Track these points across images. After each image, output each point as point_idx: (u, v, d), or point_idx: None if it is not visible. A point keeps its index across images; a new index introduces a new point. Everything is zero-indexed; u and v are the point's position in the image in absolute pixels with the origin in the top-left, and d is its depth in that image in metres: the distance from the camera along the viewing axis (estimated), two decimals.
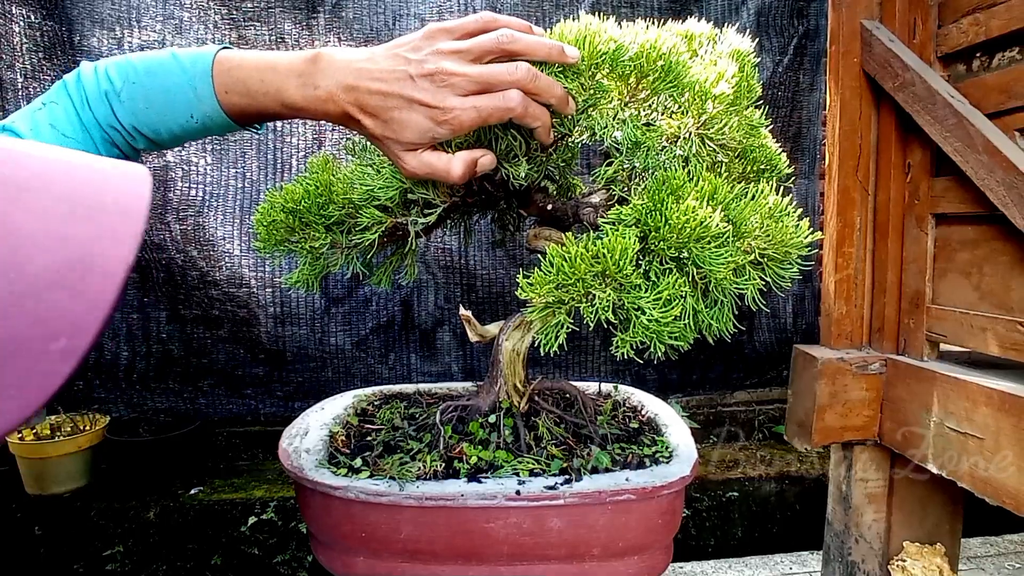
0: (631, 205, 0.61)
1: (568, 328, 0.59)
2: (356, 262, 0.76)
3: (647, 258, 0.59)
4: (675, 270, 0.58)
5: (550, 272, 0.58)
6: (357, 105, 0.57)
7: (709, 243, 0.56)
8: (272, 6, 2.00)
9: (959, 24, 1.12)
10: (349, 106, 0.57)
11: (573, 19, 0.67)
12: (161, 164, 2.01)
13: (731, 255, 0.57)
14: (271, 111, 0.60)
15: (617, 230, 0.59)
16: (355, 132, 0.61)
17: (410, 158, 0.59)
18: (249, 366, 2.16)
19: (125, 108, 0.59)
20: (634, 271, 0.56)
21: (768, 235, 0.59)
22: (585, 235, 0.63)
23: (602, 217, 0.64)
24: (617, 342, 0.58)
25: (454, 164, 0.59)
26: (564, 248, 0.59)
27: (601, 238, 0.58)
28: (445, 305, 2.18)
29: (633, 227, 0.59)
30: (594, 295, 0.57)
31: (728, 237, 0.57)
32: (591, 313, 0.57)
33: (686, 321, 0.58)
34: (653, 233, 0.58)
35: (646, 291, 0.57)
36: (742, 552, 2.31)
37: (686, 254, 0.57)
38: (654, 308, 0.55)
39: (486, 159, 0.62)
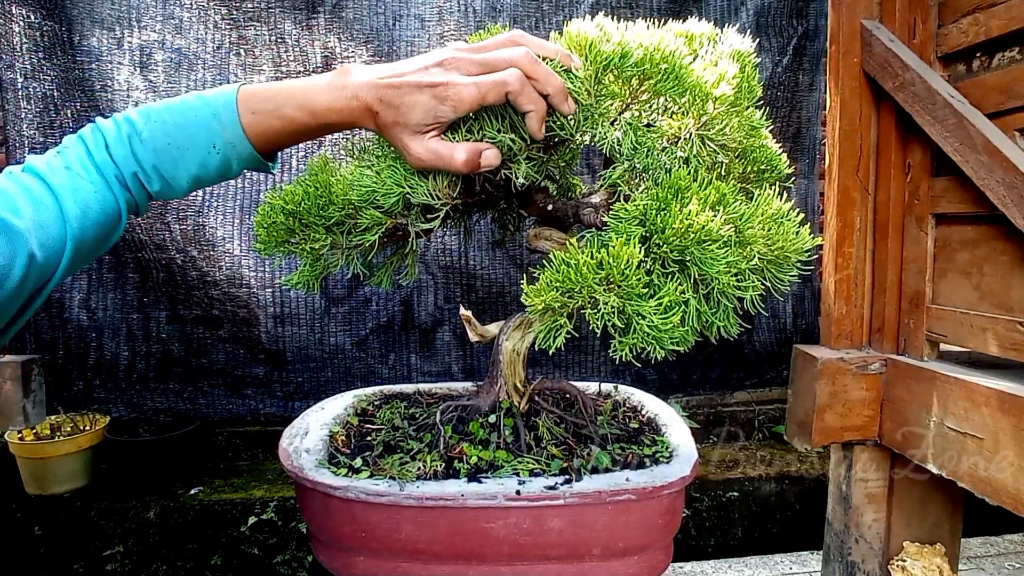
0: (634, 203, 0.61)
1: (567, 330, 0.59)
2: (356, 263, 0.76)
3: (650, 259, 0.59)
4: (678, 273, 0.58)
5: (555, 277, 0.58)
6: (377, 97, 0.61)
7: (711, 246, 0.56)
8: (272, 6, 2.00)
9: (959, 24, 1.12)
10: (370, 99, 0.61)
11: (576, 19, 0.67)
12: None
13: (734, 259, 0.57)
14: (296, 122, 0.63)
15: (621, 233, 0.59)
16: (369, 129, 0.64)
17: (417, 144, 0.62)
18: (249, 366, 2.16)
19: (146, 147, 0.61)
20: (638, 281, 0.56)
21: (770, 241, 0.59)
22: (589, 240, 0.63)
23: (605, 215, 0.64)
24: (616, 345, 0.58)
25: (458, 151, 0.62)
26: (569, 255, 0.59)
27: (606, 244, 0.58)
28: (445, 305, 2.18)
29: (637, 226, 0.59)
30: (598, 300, 0.57)
31: (731, 242, 0.57)
32: (596, 318, 0.57)
33: (689, 325, 0.58)
34: (657, 235, 0.58)
35: (648, 298, 0.57)
36: (742, 552, 2.31)
37: (689, 257, 0.57)
38: (655, 314, 0.55)
39: (491, 153, 0.63)
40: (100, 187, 0.60)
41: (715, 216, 0.57)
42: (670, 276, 0.58)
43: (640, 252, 0.57)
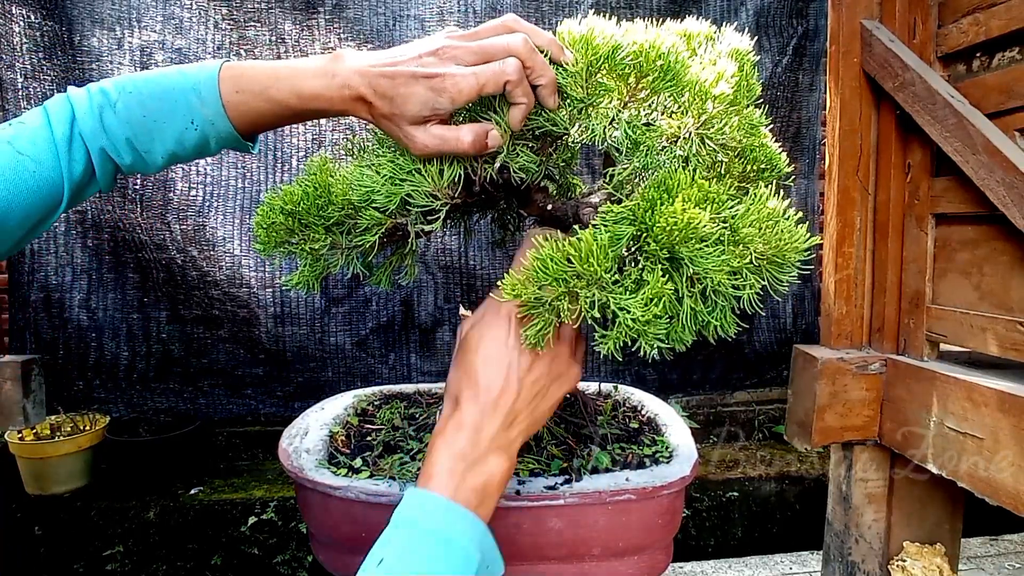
0: (623, 203, 0.61)
1: (554, 327, 0.59)
2: (356, 263, 0.76)
3: (642, 256, 0.59)
4: (669, 270, 0.58)
5: (530, 272, 0.57)
6: (370, 87, 0.59)
7: (700, 244, 0.56)
8: (272, 6, 2.00)
9: (959, 24, 1.12)
10: (363, 88, 0.59)
11: (573, 19, 0.67)
12: None
13: (727, 258, 0.57)
14: (283, 105, 0.61)
15: (609, 232, 0.59)
16: (365, 120, 0.63)
17: (419, 133, 0.60)
18: (249, 366, 2.16)
19: (120, 118, 0.59)
20: (610, 271, 0.56)
21: (766, 239, 0.59)
22: (562, 235, 0.63)
23: (597, 214, 0.64)
24: (599, 338, 0.58)
25: (464, 133, 0.60)
26: (538, 250, 0.58)
27: (577, 237, 0.57)
28: (445, 305, 2.18)
29: (628, 225, 0.59)
30: (578, 294, 0.57)
31: (723, 239, 0.57)
32: (570, 313, 0.57)
33: (685, 324, 0.58)
34: (647, 233, 0.58)
35: (626, 291, 0.56)
36: (742, 552, 2.31)
37: (679, 254, 0.57)
38: (636, 307, 0.55)
39: (495, 133, 0.62)
40: (44, 165, 0.57)
41: (701, 213, 0.56)
42: (660, 272, 0.58)
43: (610, 242, 0.56)
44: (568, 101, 0.63)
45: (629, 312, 0.55)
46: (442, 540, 0.52)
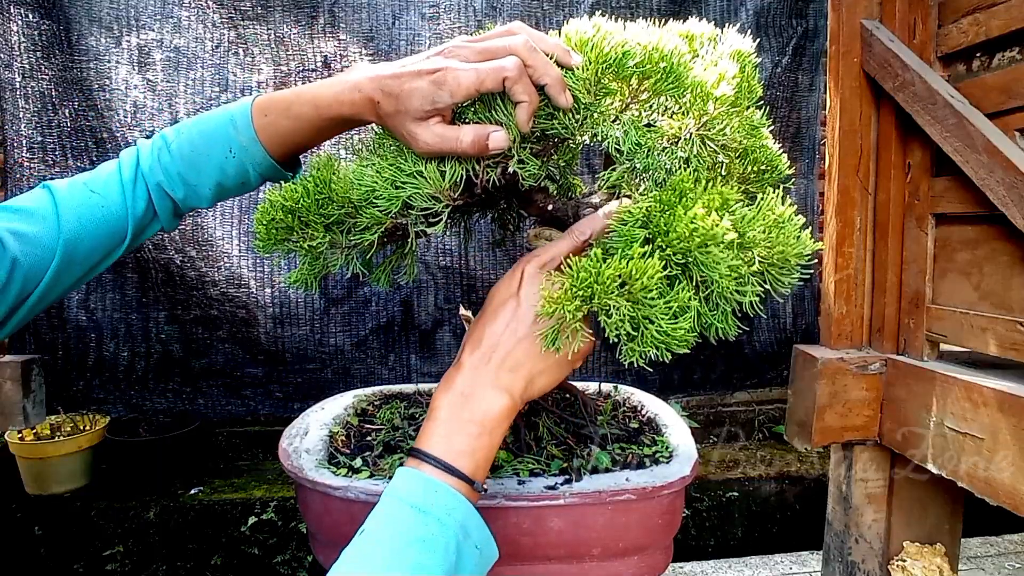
0: (638, 205, 0.61)
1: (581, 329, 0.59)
2: (356, 262, 0.76)
3: (657, 262, 0.59)
4: (681, 276, 0.58)
5: (575, 288, 0.57)
6: (379, 88, 0.62)
7: (713, 249, 0.56)
8: (271, 6, 2.00)
9: (959, 24, 1.12)
10: (372, 89, 0.62)
11: (575, 19, 0.67)
12: None
13: (736, 263, 0.57)
14: (304, 119, 0.66)
15: (625, 236, 0.59)
16: (373, 121, 0.66)
17: (422, 130, 0.62)
18: (248, 367, 2.15)
19: (173, 156, 0.68)
20: (656, 290, 0.56)
21: (770, 244, 0.59)
22: (608, 253, 0.62)
23: (610, 217, 0.64)
24: (627, 352, 0.57)
25: (464, 133, 0.62)
26: (591, 264, 0.57)
27: (627, 256, 0.57)
28: (445, 305, 2.18)
29: (640, 228, 0.59)
30: (610, 307, 0.56)
31: (734, 245, 0.57)
32: (611, 325, 0.56)
33: (690, 325, 0.58)
34: (660, 237, 0.58)
35: (658, 304, 0.56)
36: (742, 552, 2.31)
37: (691, 259, 0.57)
38: (664, 320, 0.55)
39: (499, 135, 0.62)
40: (112, 202, 0.66)
41: (720, 220, 0.56)
42: (675, 280, 0.58)
43: (661, 266, 0.56)
44: (576, 104, 0.63)
45: (653, 322, 0.55)
46: (420, 511, 0.54)
